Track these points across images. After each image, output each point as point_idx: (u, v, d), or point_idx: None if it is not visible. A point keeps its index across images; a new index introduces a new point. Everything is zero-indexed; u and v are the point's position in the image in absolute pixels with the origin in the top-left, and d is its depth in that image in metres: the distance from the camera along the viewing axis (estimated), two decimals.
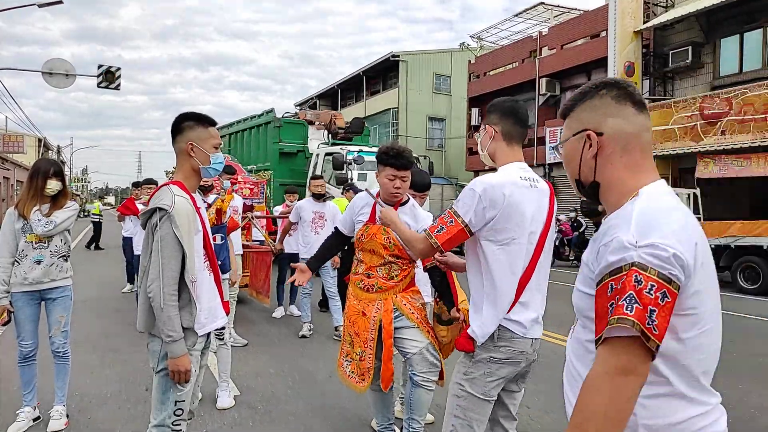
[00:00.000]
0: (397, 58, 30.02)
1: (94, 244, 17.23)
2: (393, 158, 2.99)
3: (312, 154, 12.89)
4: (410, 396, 3.00)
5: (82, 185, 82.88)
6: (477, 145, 2.32)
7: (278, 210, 8.44)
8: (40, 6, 15.87)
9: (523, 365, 2.15)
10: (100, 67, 15.48)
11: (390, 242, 3.03)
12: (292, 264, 3.39)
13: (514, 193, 2.01)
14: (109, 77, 15.37)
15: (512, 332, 2.06)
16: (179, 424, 2.20)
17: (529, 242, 2.06)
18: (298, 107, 44.84)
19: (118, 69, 15.62)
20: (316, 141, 13.41)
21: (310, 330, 6.08)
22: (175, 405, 2.18)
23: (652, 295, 1.03)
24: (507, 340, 2.07)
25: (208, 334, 2.38)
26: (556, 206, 2.21)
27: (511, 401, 2.29)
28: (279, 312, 7.23)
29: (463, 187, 8.05)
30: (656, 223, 1.08)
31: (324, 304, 7.17)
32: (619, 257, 1.06)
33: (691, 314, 1.10)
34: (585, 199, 2.58)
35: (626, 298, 1.03)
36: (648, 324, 1.02)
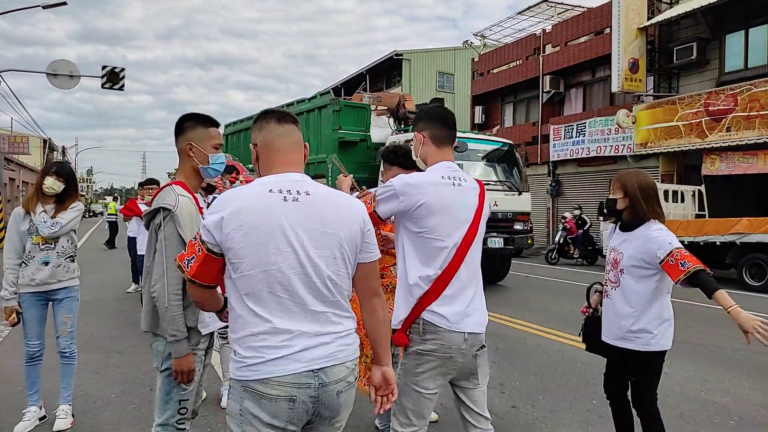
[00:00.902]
0: (400, 57, 29.98)
1: (111, 242, 17.68)
2: (401, 158, 3.05)
3: (382, 143, 10.02)
4: None
5: (87, 186, 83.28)
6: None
7: None
8: (44, 8, 15.94)
9: (459, 359, 2.14)
10: (104, 67, 15.54)
11: None
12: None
13: (430, 191, 2.10)
14: (113, 78, 15.43)
15: (436, 325, 2.10)
16: (183, 423, 2.21)
17: (450, 237, 2.12)
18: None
19: (122, 70, 15.67)
20: (378, 129, 11.14)
21: None
22: (179, 404, 2.18)
23: (196, 248, 1.66)
24: (433, 333, 2.10)
25: (212, 334, 2.38)
26: (487, 203, 2.28)
27: (469, 398, 2.25)
28: None
29: None
30: (213, 203, 1.68)
31: None
32: None
33: (232, 263, 1.62)
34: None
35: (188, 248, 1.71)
36: (184, 263, 1.68)
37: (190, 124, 2.29)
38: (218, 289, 1.78)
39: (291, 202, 1.65)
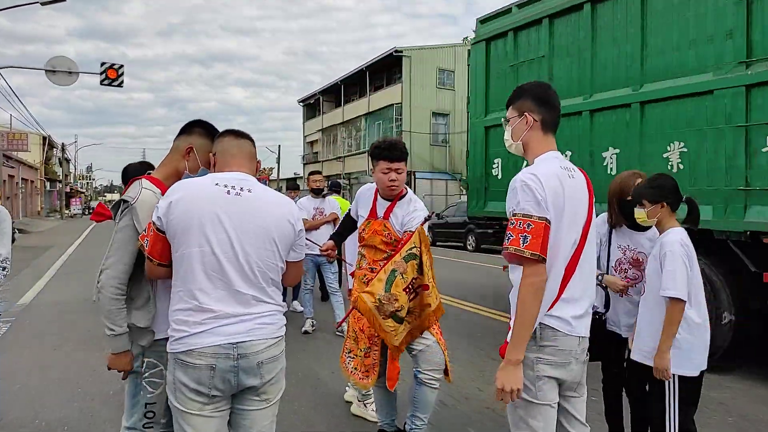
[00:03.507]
0: (400, 54, 29.94)
1: None
2: (386, 150, 2.95)
3: None
4: (414, 394, 2.98)
5: (87, 183, 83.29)
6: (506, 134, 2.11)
7: None
8: (42, 4, 15.90)
9: (574, 366, 1.98)
10: (102, 64, 15.52)
11: (391, 238, 3.00)
12: (321, 251, 3.48)
13: (556, 185, 1.89)
14: (111, 74, 15.41)
15: (555, 329, 1.92)
16: (151, 427, 2.16)
17: (570, 234, 1.93)
18: (301, 104, 44.85)
19: (121, 66, 15.66)
20: None
21: (312, 326, 6.07)
22: (146, 408, 2.13)
23: (151, 229, 1.91)
24: (550, 338, 1.92)
25: None
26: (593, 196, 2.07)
27: (574, 407, 2.08)
28: None
29: (467, 182, 7.75)
30: (168, 190, 1.94)
31: (325, 297, 7.16)
32: None
33: (174, 243, 1.85)
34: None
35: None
36: (144, 242, 1.94)
37: (200, 131, 2.26)
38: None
39: (233, 196, 1.89)
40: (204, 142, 2.23)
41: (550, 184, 1.86)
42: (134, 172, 3.30)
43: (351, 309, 2.98)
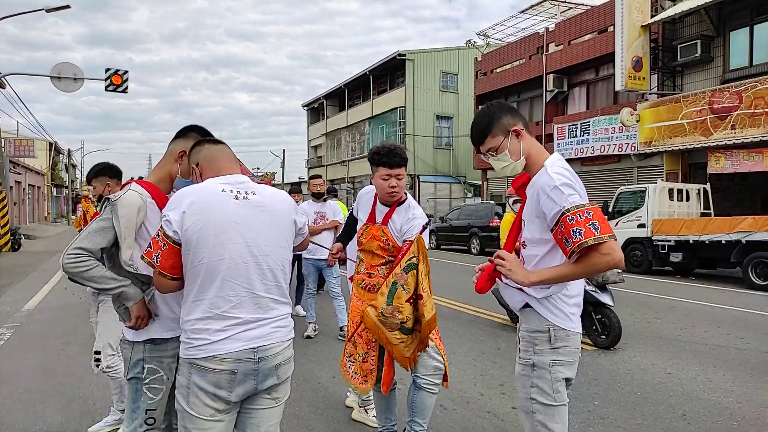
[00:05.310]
0: (403, 57, 29.96)
1: None
2: (385, 156, 2.94)
3: None
4: (413, 399, 2.97)
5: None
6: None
7: None
8: (47, 11, 16.04)
9: (578, 363, 2.02)
10: (107, 70, 15.60)
11: (389, 244, 3.00)
12: (331, 254, 3.48)
13: (578, 178, 1.95)
14: (116, 80, 15.49)
15: (566, 330, 1.94)
16: None
17: None
18: (305, 108, 45.00)
19: (126, 72, 15.74)
20: None
21: (314, 330, 6.07)
22: (146, 414, 2.11)
23: (161, 244, 1.82)
24: (563, 339, 1.94)
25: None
26: None
27: None
28: None
29: (471, 185, 7.88)
30: (170, 200, 1.90)
31: (318, 289, 7.14)
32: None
33: (190, 254, 1.82)
34: None
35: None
36: (153, 258, 1.83)
37: (195, 135, 2.27)
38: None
39: (241, 200, 1.91)
40: None
41: (576, 178, 1.90)
42: None
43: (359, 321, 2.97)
